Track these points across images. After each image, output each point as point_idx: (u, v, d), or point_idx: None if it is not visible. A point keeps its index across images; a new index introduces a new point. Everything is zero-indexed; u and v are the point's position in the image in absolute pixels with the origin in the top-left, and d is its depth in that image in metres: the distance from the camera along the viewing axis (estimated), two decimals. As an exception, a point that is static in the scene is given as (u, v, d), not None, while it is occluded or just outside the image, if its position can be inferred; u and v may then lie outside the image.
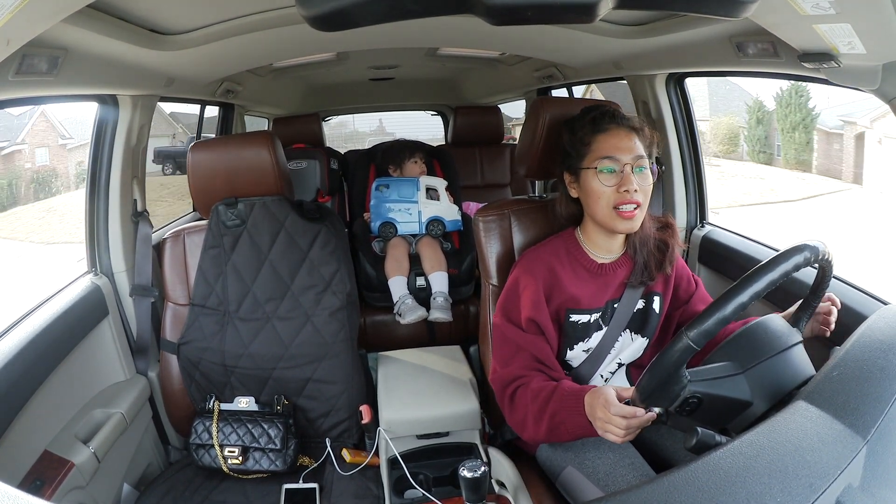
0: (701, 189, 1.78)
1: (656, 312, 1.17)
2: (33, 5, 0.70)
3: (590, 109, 1.13)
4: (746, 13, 0.69)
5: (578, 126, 1.12)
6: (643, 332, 1.17)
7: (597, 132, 1.08)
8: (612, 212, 1.06)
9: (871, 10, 0.81)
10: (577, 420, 0.98)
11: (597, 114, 1.10)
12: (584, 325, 1.14)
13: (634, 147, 1.07)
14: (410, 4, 0.64)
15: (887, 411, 0.67)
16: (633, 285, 1.15)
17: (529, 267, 1.15)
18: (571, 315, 1.13)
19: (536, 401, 1.04)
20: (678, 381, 0.79)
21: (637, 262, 1.14)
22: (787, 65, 1.15)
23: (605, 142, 1.07)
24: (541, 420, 1.03)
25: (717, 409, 0.82)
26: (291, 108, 3.31)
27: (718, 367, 0.83)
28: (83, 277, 1.49)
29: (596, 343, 1.15)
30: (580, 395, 0.98)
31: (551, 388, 1.04)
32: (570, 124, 1.15)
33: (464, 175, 2.61)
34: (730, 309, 0.76)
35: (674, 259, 1.17)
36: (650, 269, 1.14)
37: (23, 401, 1.13)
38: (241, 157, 1.42)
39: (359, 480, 1.31)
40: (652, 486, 0.60)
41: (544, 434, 1.04)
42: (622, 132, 1.08)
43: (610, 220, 1.07)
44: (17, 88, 1.01)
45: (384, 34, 1.71)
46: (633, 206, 1.05)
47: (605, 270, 1.15)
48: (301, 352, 1.44)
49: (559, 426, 1.01)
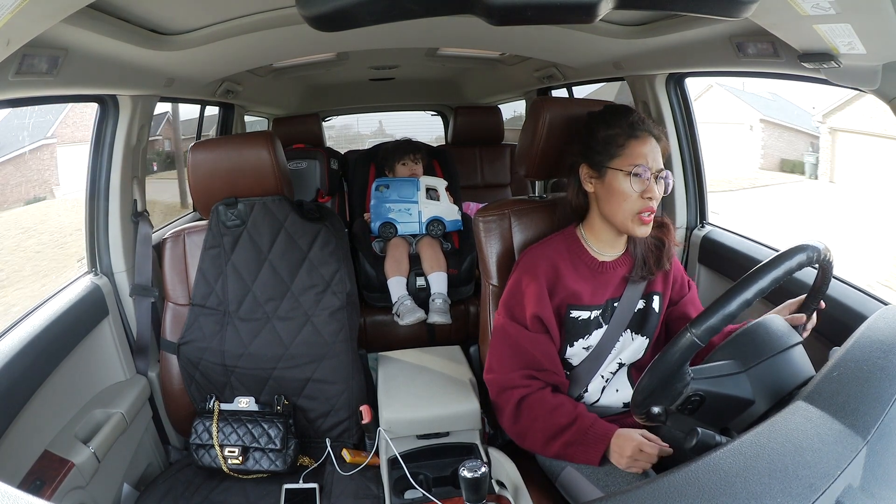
0: (701, 189, 1.78)
1: (656, 312, 1.18)
2: (33, 5, 0.70)
3: (625, 111, 1.13)
4: (746, 13, 0.70)
5: (614, 124, 1.11)
6: (643, 332, 1.18)
7: (632, 137, 1.10)
8: (634, 216, 1.09)
9: (871, 10, 0.81)
10: (591, 454, 1.06)
11: (636, 119, 1.11)
12: (584, 322, 1.15)
13: (659, 157, 1.11)
14: (410, 4, 0.64)
15: (887, 411, 0.67)
16: (633, 280, 1.17)
17: (532, 264, 1.16)
18: (572, 311, 1.15)
19: (550, 421, 1.10)
20: (681, 379, 0.79)
21: (636, 257, 1.17)
22: (787, 65, 1.15)
23: (639, 148, 1.09)
24: (552, 441, 1.09)
25: (719, 408, 0.82)
26: (291, 108, 3.31)
27: (721, 366, 0.83)
28: (83, 277, 1.49)
29: (596, 341, 1.16)
30: (605, 437, 1.05)
31: (570, 416, 1.09)
32: (601, 119, 1.14)
33: (464, 175, 2.61)
34: (734, 305, 0.76)
35: (671, 256, 1.19)
36: (649, 265, 1.17)
37: (23, 401, 1.13)
38: (241, 157, 1.42)
39: (359, 480, 1.31)
40: (652, 486, 0.60)
41: (549, 453, 1.11)
42: (651, 141, 1.10)
43: (630, 223, 1.10)
44: (17, 88, 1.01)
45: (384, 34, 1.71)
46: (650, 214, 1.09)
47: (605, 268, 1.17)
48: (301, 352, 1.44)
49: (570, 454, 1.08)
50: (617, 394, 1.19)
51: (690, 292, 1.24)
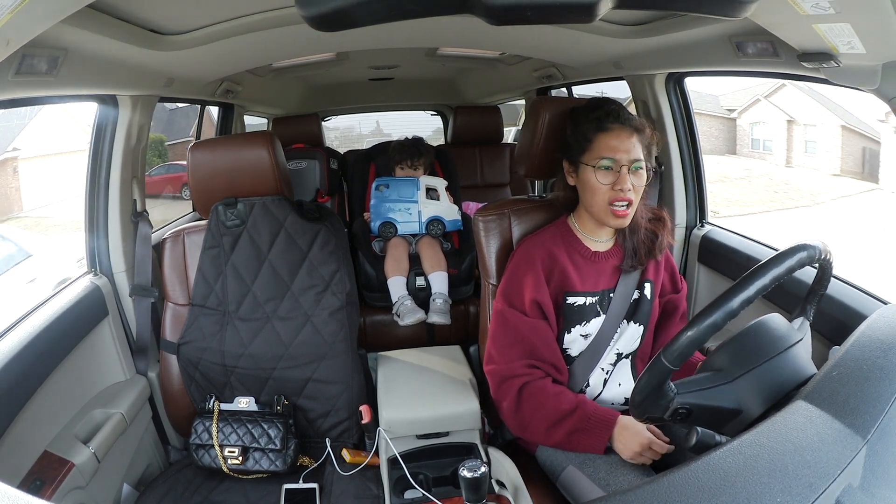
0: (700, 188, 1.78)
1: (648, 299, 1.21)
2: (33, 5, 0.70)
3: (596, 106, 1.15)
4: (746, 13, 0.70)
5: (583, 120, 1.15)
6: (636, 319, 1.20)
7: (599, 130, 1.12)
8: (606, 208, 1.11)
9: (871, 10, 0.81)
10: (594, 442, 1.07)
11: (602, 112, 1.13)
12: (580, 308, 1.17)
13: (633, 148, 1.11)
14: (410, 4, 0.64)
15: (887, 411, 0.67)
16: (626, 270, 1.19)
17: (528, 252, 1.19)
18: (569, 297, 1.17)
19: (552, 410, 1.10)
20: (664, 395, 0.80)
21: (626, 247, 1.19)
22: (787, 65, 1.15)
23: (606, 141, 1.11)
24: (555, 429, 1.10)
25: (708, 419, 0.82)
26: (291, 108, 3.31)
27: (703, 378, 0.83)
28: (83, 277, 1.49)
29: (595, 330, 1.18)
30: (608, 424, 1.06)
31: (573, 403, 1.10)
32: (574, 116, 1.18)
33: (464, 175, 2.62)
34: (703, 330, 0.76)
35: (663, 247, 1.21)
36: (640, 255, 1.19)
37: (23, 401, 1.13)
38: (241, 157, 1.42)
39: (359, 480, 1.31)
40: (652, 486, 0.60)
41: (551, 442, 1.12)
42: (624, 133, 1.11)
43: (604, 215, 1.13)
44: (16, 88, 1.01)
45: (384, 34, 1.71)
46: (624, 205, 1.10)
47: (598, 258, 1.20)
48: (301, 352, 1.44)
49: (573, 442, 1.09)
50: (619, 388, 1.20)
51: (682, 292, 1.26)
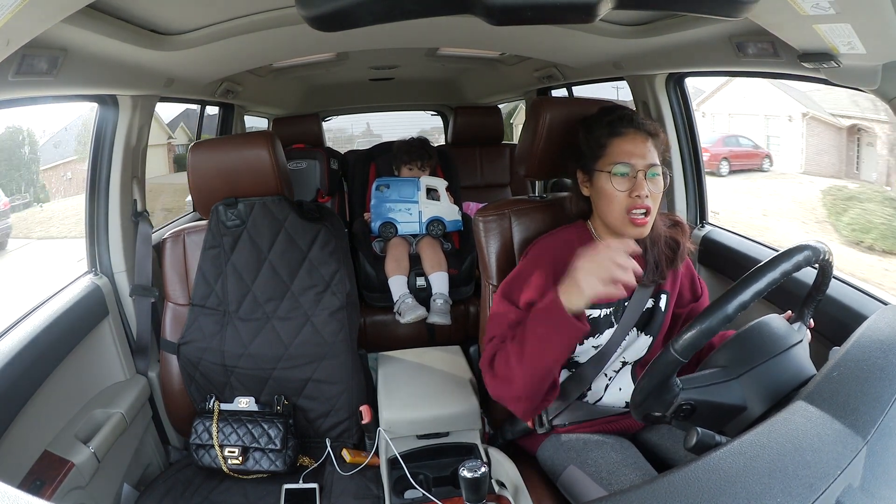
0: (701, 189, 1.78)
1: (662, 310, 1.17)
2: (33, 5, 0.71)
3: (608, 111, 1.12)
4: (746, 13, 0.70)
5: (595, 126, 1.11)
6: (648, 331, 1.18)
7: (613, 136, 1.08)
8: (624, 216, 1.06)
9: (871, 10, 0.81)
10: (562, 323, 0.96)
11: (614, 117, 1.10)
12: (594, 321, 1.13)
13: (648, 153, 1.07)
14: (410, 4, 0.64)
15: (887, 411, 0.66)
16: (644, 284, 1.14)
17: (541, 258, 1.13)
18: (585, 309, 1.11)
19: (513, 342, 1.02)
20: (669, 390, 0.79)
21: (648, 261, 1.14)
22: (787, 65, 1.15)
23: (620, 146, 1.07)
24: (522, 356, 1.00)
25: (712, 415, 0.82)
26: (291, 108, 3.31)
27: (710, 374, 0.83)
28: (83, 277, 1.49)
29: (606, 340, 1.15)
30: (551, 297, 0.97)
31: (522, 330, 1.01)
32: (587, 123, 1.14)
33: (464, 175, 2.61)
34: (715, 321, 0.76)
35: (684, 256, 1.17)
36: (661, 268, 1.15)
37: (23, 401, 1.13)
38: (241, 157, 1.42)
39: (359, 480, 1.31)
40: (652, 486, 0.60)
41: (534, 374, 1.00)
42: (638, 137, 1.07)
43: (621, 224, 1.07)
44: (16, 88, 1.01)
45: (384, 34, 1.71)
46: (643, 213, 1.05)
47: None
48: (301, 352, 1.44)
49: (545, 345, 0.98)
50: (620, 392, 1.19)
51: (702, 297, 1.22)
